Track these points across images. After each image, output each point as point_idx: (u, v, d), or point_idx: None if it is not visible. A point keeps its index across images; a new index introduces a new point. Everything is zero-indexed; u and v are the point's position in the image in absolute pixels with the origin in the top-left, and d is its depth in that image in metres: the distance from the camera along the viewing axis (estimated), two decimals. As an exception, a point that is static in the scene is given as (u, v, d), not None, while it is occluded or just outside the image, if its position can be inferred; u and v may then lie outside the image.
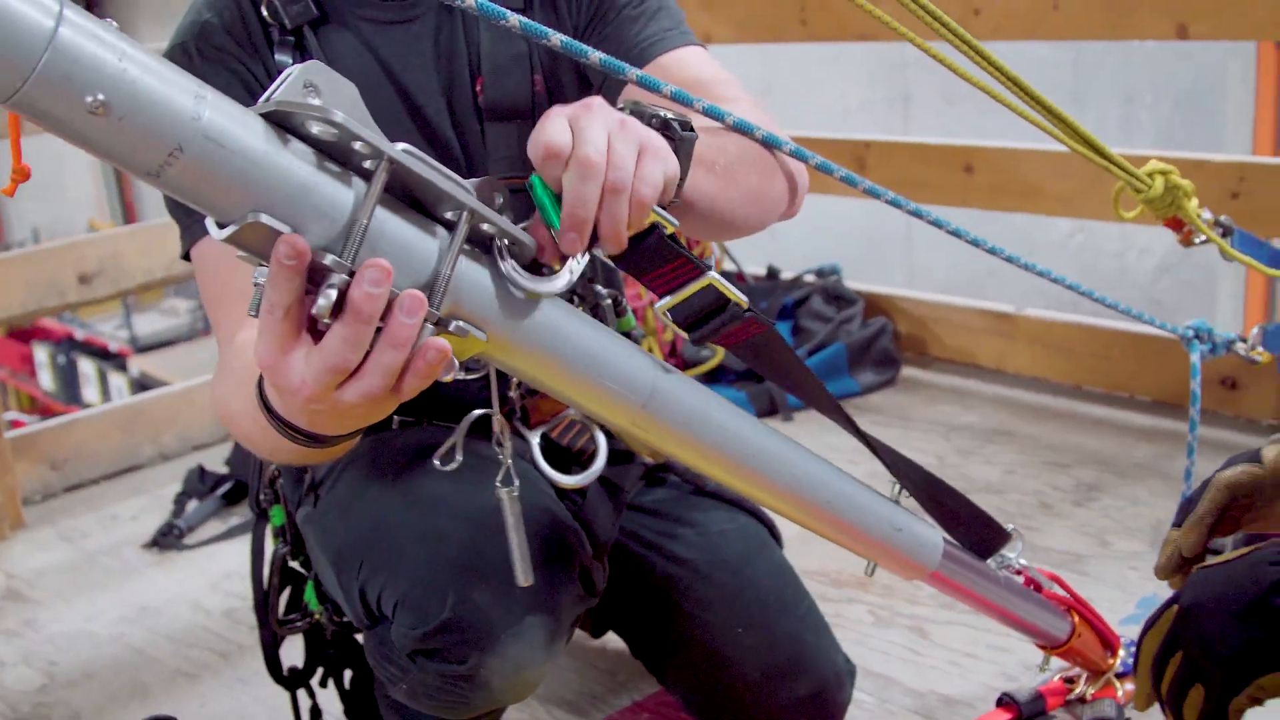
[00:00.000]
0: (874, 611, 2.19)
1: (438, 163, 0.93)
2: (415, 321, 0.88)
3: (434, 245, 0.94)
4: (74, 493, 3.05)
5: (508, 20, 1.06)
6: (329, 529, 1.51)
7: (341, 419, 0.98)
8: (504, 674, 1.34)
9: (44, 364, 10.36)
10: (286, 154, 0.85)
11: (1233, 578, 0.97)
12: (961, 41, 1.48)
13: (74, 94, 0.76)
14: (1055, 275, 1.71)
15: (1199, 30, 2.65)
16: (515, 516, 1.22)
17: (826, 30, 3.44)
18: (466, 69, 1.51)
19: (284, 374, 0.90)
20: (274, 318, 0.87)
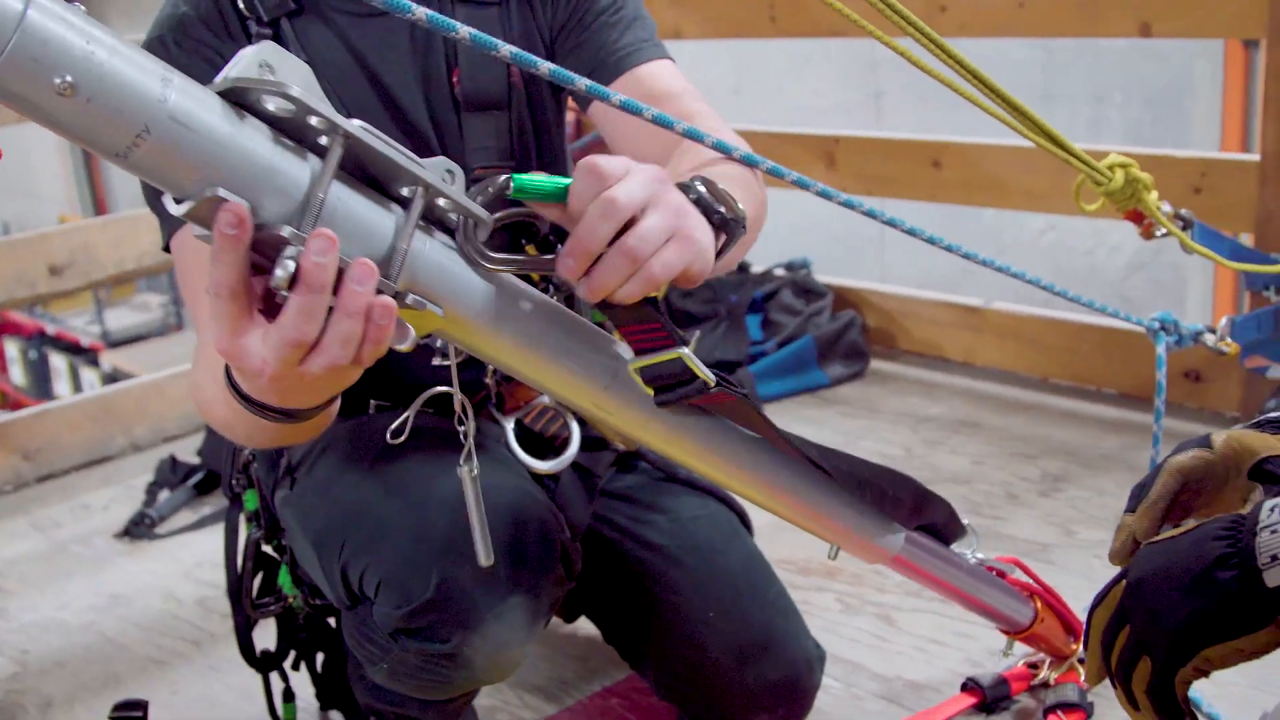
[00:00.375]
0: (842, 599, 2.21)
1: (394, 141, 0.95)
2: (367, 289, 0.90)
3: (390, 221, 0.96)
4: (46, 483, 3.05)
5: (457, 33, 1.07)
6: (309, 510, 1.52)
7: (309, 391, 1.00)
8: (486, 653, 1.35)
9: (15, 359, 10.29)
10: (247, 131, 0.87)
11: (1178, 552, 1.00)
12: (926, 38, 1.51)
13: (42, 75, 0.78)
14: (1016, 270, 1.73)
15: (1162, 29, 2.69)
16: (476, 496, 1.23)
17: (796, 27, 3.46)
18: (443, 61, 1.53)
19: (243, 357, 0.92)
20: (220, 299, 0.89)
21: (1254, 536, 0.94)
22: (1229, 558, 0.95)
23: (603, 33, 1.56)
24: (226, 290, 0.89)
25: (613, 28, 1.56)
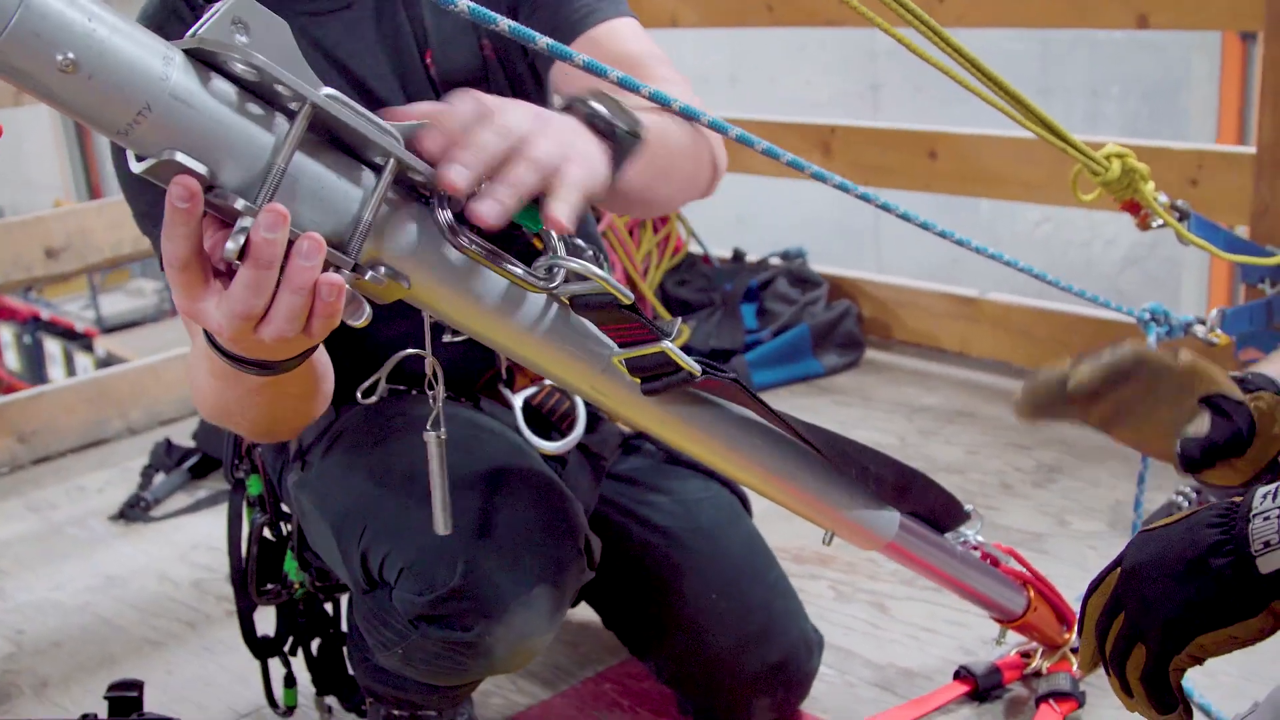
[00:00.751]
0: (835, 587, 2.22)
1: (364, 108, 0.94)
2: (313, 265, 0.90)
3: (358, 191, 0.95)
4: (41, 465, 3.05)
5: (456, 6, 1.06)
6: (327, 493, 1.51)
7: (270, 352, 1.02)
8: (508, 642, 1.35)
9: (9, 343, 10.28)
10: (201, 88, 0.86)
11: (1172, 540, 1.00)
12: (925, 27, 1.51)
13: (44, 52, 0.79)
14: (1009, 259, 1.74)
15: (1159, 20, 2.70)
16: (440, 462, 1.21)
17: (793, 16, 3.46)
18: (414, 45, 1.52)
19: (203, 318, 0.94)
20: (172, 270, 0.91)
21: (1247, 523, 0.95)
22: (1223, 544, 0.96)
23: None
24: (178, 262, 0.90)
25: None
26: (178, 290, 0.93)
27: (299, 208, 0.90)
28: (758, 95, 5.31)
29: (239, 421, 1.31)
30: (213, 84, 0.87)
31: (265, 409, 1.24)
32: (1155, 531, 1.03)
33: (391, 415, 1.55)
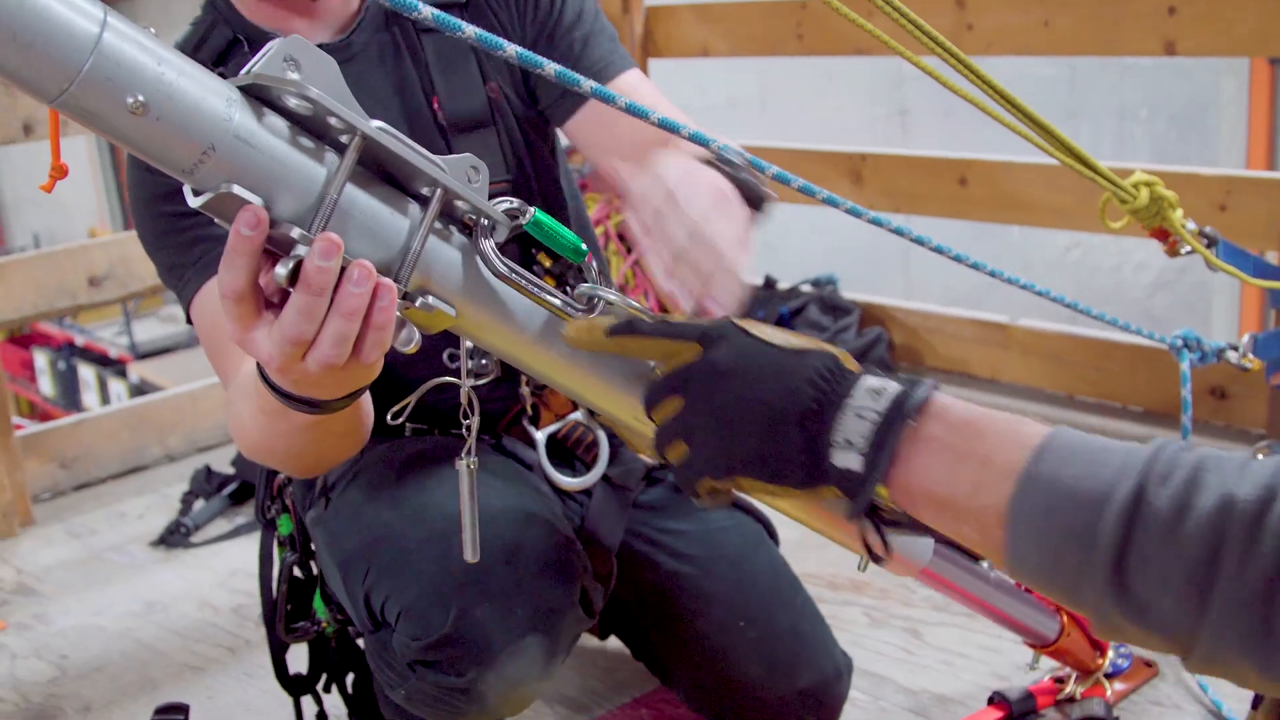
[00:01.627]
0: (869, 613, 2.24)
1: (412, 141, 0.97)
2: (363, 291, 0.93)
3: (405, 222, 0.98)
4: (82, 491, 3.09)
5: (463, 32, 1.08)
6: (338, 533, 1.54)
7: (320, 386, 1.04)
8: (500, 689, 1.37)
9: (44, 370, 10.39)
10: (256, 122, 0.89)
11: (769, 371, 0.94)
12: (953, 57, 1.53)
13: (116, 95, 0.82)
14: (1040, 289, 1.76)
15: (1186, 47, 2.71)
16: (471, 490, 1.23)
17: (822, 45, 3.49)
18: (420, 91, 1.56)
19: (254, 348, 0.97)
20: (228, 302, 0.94)
21: (840, 411, 0.92)
22: (813, 416, 0.92)
23: (572, 49, 1.60)
24: (235, 293, 0.93)
25: (580, 42, 1.61)
26: (232, 320, 0.96)
27: (349, 237, 0.93)
28: (786, 121, 5.33)
29: (281, 458, 1.34)
30: (268, 120, 0.90)
31: (310, 446, 1.27)
32: (760, 344, 0.97)
33: (408, 456, 1.58)
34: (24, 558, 2.74)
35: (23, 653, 2.32)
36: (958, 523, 0.89)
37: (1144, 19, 2.76)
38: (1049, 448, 0.86)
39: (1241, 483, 0.77)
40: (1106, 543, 0.80)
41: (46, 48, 0.79)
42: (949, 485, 0.89)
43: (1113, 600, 0.80)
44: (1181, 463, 0.80)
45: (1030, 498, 0.85)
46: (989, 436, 0.89)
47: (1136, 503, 0.80)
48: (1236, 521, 0.75)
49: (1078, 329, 3.21)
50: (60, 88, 0.81)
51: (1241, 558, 0.75)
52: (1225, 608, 0.76)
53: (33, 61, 0.79)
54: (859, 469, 0.90)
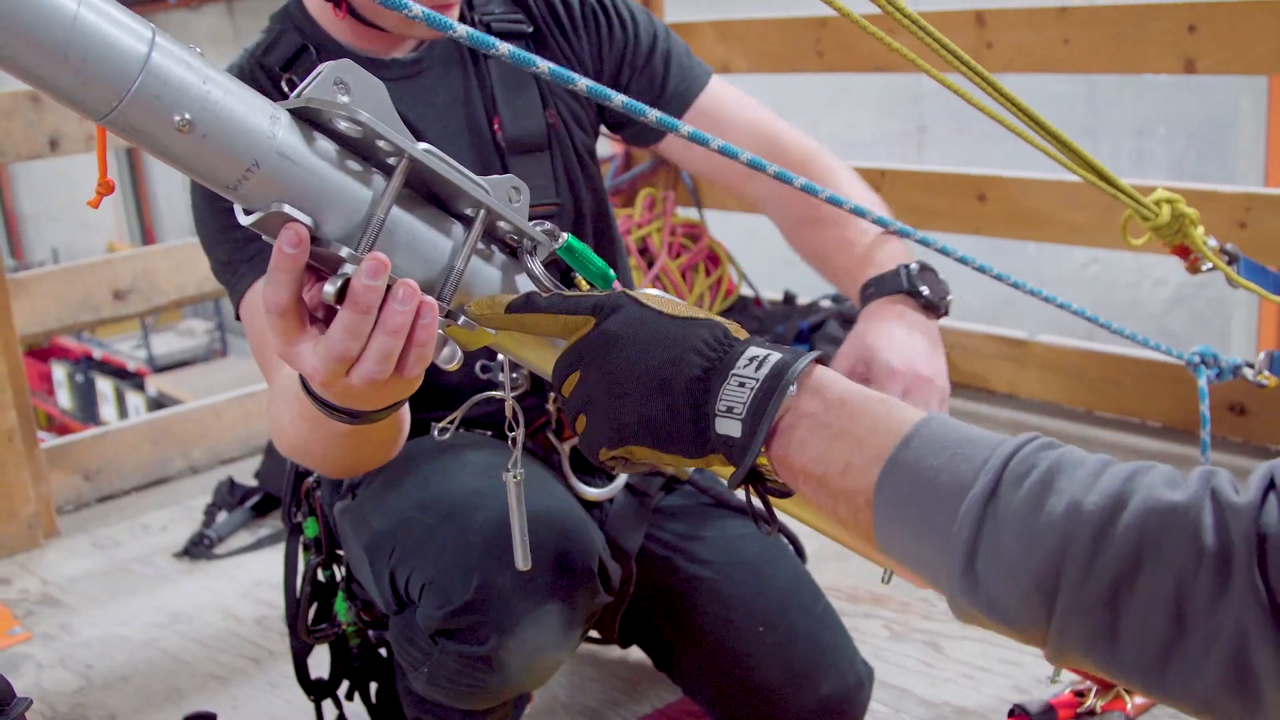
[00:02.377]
0: (889, 626, 2.24)
1: (457, 163, 1.00)
2: (408, 309, 0.96)
3: (448, 242, 1.01)
4: (106, 503, 3.12)
5: (537, 66, 1.10)
6: (364, 519, 1.58)
7: (362, 399, 1.07)
8: (521, 656, 1.40)
9: (62, 382, 10.45)
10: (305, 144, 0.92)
11: (659, 341, 0.96)
12: (974, 73, 1.55)
13: (163, 113, 0.84)
14: (1062, 302, 1.77)
15: (1206, 65, 2.72)
16: (519, 500, 1.26)
17: (842, 62, 3.51)
18: (482, 111, 1.62)
19: (298, 362, 1.00)
20: (272, 315, 0.96)
21: (723, 379, 0.93)
22: (699, 384, 0.94)
23: (655, 72, 1.69)
24: (279, 308, 0.96)
25: (662, 63, 1.70)
26: (276, 334, 0.98)
27: (394, 256, 0.96)
28: (805, 138, 5.35)
29: (317, 460, 1.36)
30: (315, 141, 0.92)
31: (348, 452, 1.30)
32: (653, 316, 0.98)
33: (432, 448, 1.61)
34: (49, 569, 2.76)
35: (48, 663, 2.34)
36: (833, 501, 0.91)
37: (1164, 37, 2.78)
38: (916, 435, 0.87)
39: (1091, 491, 0.78)
40: (960, 537, 0.82)
41: (97, 67, 0.81)
42: (823, 463, 0.91)
43: (965, 593, 0.82)
44: (1039, 463, 0.82)
45: (894, 485, 0.87)
46: (863, 418, 0.91)
47: (989, 500, 0.81)
48: (1083, 527, 0.77)
49: (1096, 345, 3.22)
50: (109, 106, 0.83)
51: (1085, 565, 0.77)
52: (1068, 612, 0.78)
53: (83, 80, 0.81)
54: (738, 435, 0.92)
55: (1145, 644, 0.76)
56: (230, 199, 0.91)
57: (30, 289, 2.92)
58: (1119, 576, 0.76)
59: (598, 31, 1.69)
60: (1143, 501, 0.77)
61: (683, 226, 3.79)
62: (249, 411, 3.36)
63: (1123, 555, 0.76)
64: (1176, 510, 0.76)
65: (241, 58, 1.57)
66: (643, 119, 1.18)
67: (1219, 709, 0.75)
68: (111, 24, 0.82)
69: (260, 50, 1.55)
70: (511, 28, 1.63)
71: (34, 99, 2.82)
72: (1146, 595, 0.75)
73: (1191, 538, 0.74)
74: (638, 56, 1.69)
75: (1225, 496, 0.75)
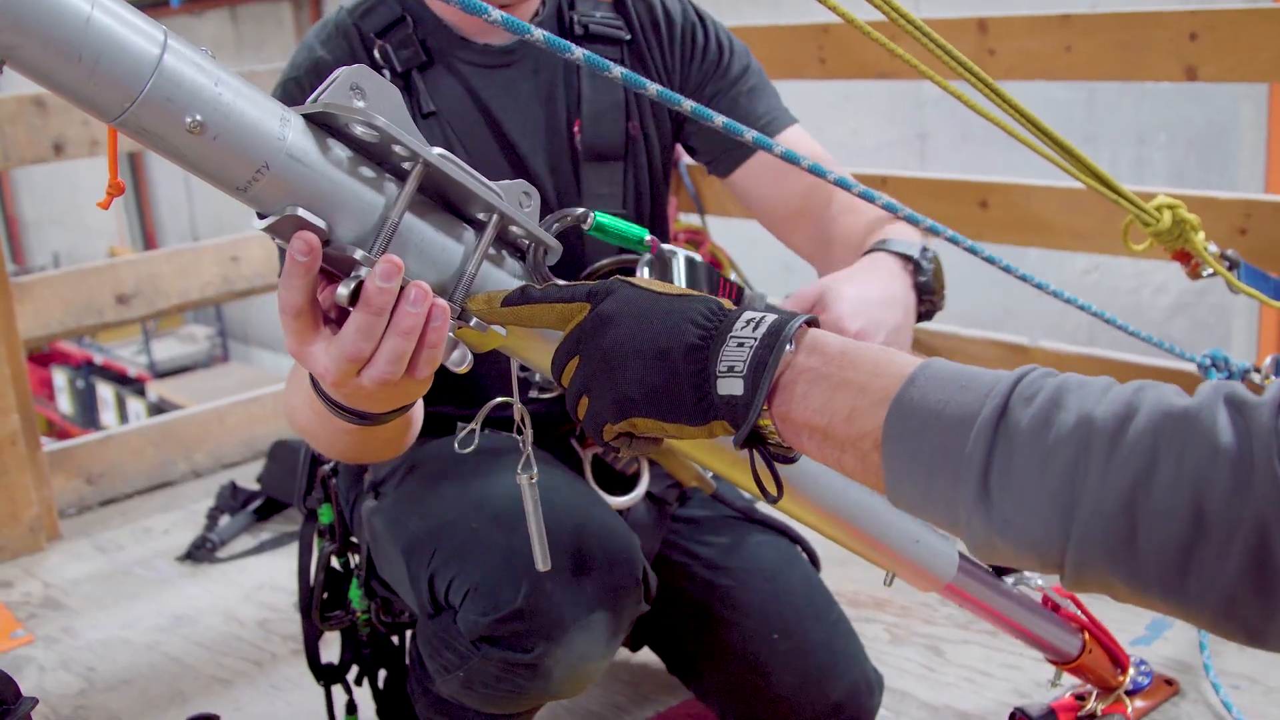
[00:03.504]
0: (890, 630, 2.25)
1: (470, 168, 1.01)
2: (420, 311, 0.97)
3: (459, 246, 1.02)
4: (108, 506, 3.13)
5: (610, 71, 1.15)
6: (400, 520, 1.57)
7: (371, 400, 1.08)
8: (566, 665, 1.40)
9: (63, 388, 10.46)
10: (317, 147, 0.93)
11: (656, 315, 0.98)
12: (977, 80, 1.56)
13: (175, 114, 0.85)
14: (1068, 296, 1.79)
15: (1208, 72, 2.73)
16: (534, 502, 1.27)
17: (845, 69, 3.51)
18: (564, 112, 1.61)
19: (309, 362, 1.00)
20: (288, 316, 0.97)
21: (722, 342, 0.95)
22: (697, 350, 0.95)
23: (739, 101, 1.68)
24: (294, 309, 0.97)
25: (747, 96, 1.69)
26: (289, 334, 0.99)
27: (407, 259, 0.97)
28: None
29: (324, 448, 1.37)
30: (328, 144, 0.93)
31: (356, 447, 1.31)
32: (646, 294, 1.00)
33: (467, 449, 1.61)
34: (51, 572, 2.77)
35: (51, 665, 2.34)
36: (839, 452, 0.92)
37: (1165, 45, 2.78)
38: (920, 375, 0.89)
39: (1101, 403, 0.80)
40: (972, 460, 0.83)
41: (110, 68, 0.82)
42: (827, 414, 0.91)
43: (982, 518, 0.83)
44: (1045, 385, 0.83)
45: (902, 422, 0.87)
46: (863, 365, 0.92)
47: (999, 421, 0.82)
48: (1096, 436, 0.78)
49: (1097, 351, 3.21)
50: (122, 107, 0.83)
51: (1102, 470, 0.77)
52: (1088, 520, 0.78)
53: (96, 82, 0.82)
54: (740, 393, 0.93)
55: (1165, 548, 0.76)
56: (240, 200, 0.92)
57: (33, 292, 2.93)
58: (1136, 480, 0.76)
59: (693, 50, 1.69)
60: (1154, 408, 0.78)
61: (685, 232, 3.80)
62: (252, 416, 3.37)
63: (1138, 458, 0.76)
64: (1189, 412, 0.76)
65: (338, 15, 1.57)
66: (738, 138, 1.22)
67: (1238, 612, 0.75)
68: (124, 26, 0.82)
69: (359, 12, 1.56)
70: (609, 33, 1.63)
71: (38, 103, 2.83)
72: (1164, 496, 0.75)
73: (1207, 436, 0.75)
74: (725, 83, 1.69)
75: (1239, 395, 0.76)
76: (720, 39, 1.72)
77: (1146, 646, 2.12)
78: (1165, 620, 2.20)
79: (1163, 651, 2.10)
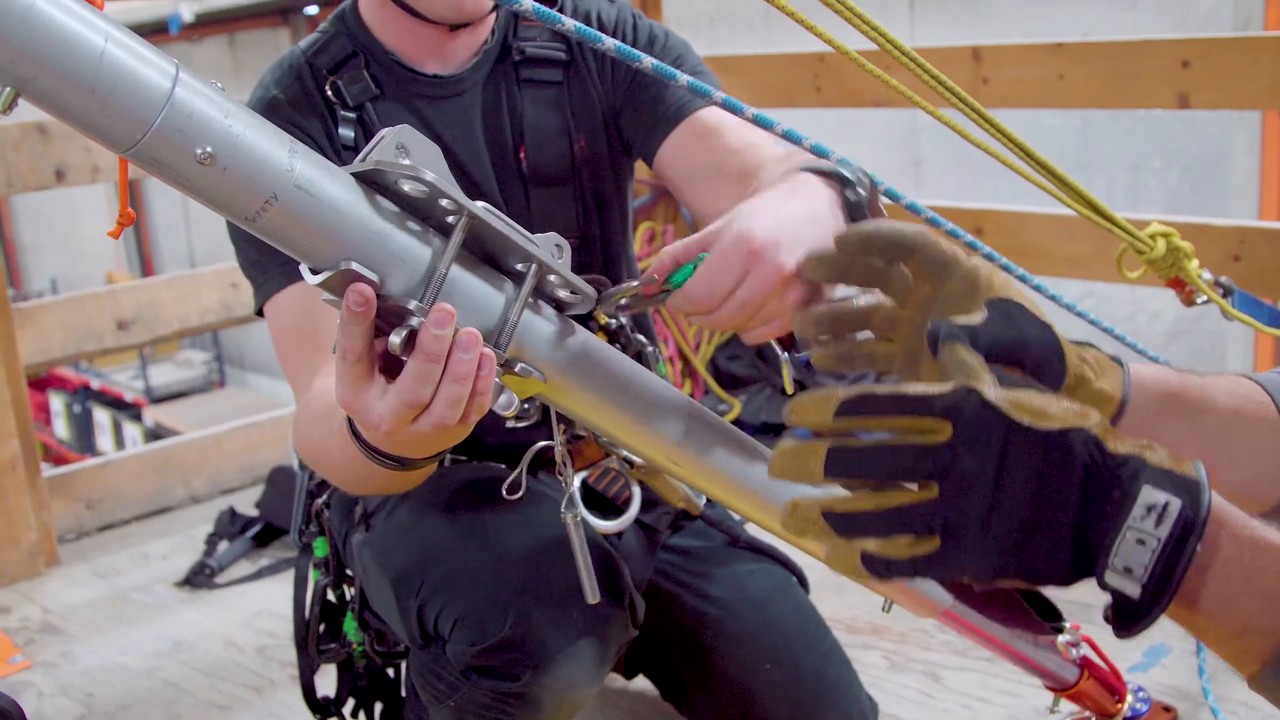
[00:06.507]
0: (889, 656, 2.25)
1: (510, 220, 1.04)
2: (472, 357, 0.98)
3: (500, 296, 1.05)
4: (107, 532, 3.13)
5: (603, 43, 1.19)
6: (388, 552, 1.58)
7: (421, 445, 1.09)
8: (554, 692, 1.40)
9: (59, 413, 10.47)
10: (367, 203, 0.95)
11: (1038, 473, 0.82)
12: (970, 109, 1.57)
13: (185, 146, 0.86)
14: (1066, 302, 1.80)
15: (1200, 100, 2.75)
16: (580, 539, 1.29)
17: (840, 97, 3.54)
18: (510, 138, 1.63)
19: (363, 411, 1.01)
20: (346, 363, 0.98)
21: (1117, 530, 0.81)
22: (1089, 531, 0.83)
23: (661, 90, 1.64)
24: (353, 355, 0.97)
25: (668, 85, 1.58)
26: (346, 384, 0.99)
27: (455, 309, 0.99)
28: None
29: (354, 487, 1.38)
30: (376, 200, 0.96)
31: (382, 486, 1.33)
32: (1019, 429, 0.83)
33: (454, 480, 1.62)
34: (50, 597, 2.77)
35: (49, 691, 2.34)
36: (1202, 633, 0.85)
37: (1158, 73, 2.81)
38: None
39: None
40: None
41: (123, 100, 0.83)
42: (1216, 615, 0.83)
43: None
44: None
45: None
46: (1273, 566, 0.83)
47: None
48: None
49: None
50: (134, 139, 0.85)
51: None
52: None
53: (109, 113, 0.83)
54: (1135, 597, 0.82)
55: None
56: (249, 230, 0.93)
57: (34, 318, 2.94)
58: None
59: None
60: None
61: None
62: (250, 441, 3.37)
63: None
64: None
65: (292, 54, 1.60)
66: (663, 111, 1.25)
67: None
68: (137, 59, 0.84)
69: (313, 50, 1.59)
70: (548, 54, 1.65)
71: (41, 130, 2.85)
72: None
73: None
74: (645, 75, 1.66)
75: None
76: (654, 33, 1.70)
77: (1144, 673, 2.13)
78: (1163, 647, 2.21)
79: (1160, 678, 2.11)
